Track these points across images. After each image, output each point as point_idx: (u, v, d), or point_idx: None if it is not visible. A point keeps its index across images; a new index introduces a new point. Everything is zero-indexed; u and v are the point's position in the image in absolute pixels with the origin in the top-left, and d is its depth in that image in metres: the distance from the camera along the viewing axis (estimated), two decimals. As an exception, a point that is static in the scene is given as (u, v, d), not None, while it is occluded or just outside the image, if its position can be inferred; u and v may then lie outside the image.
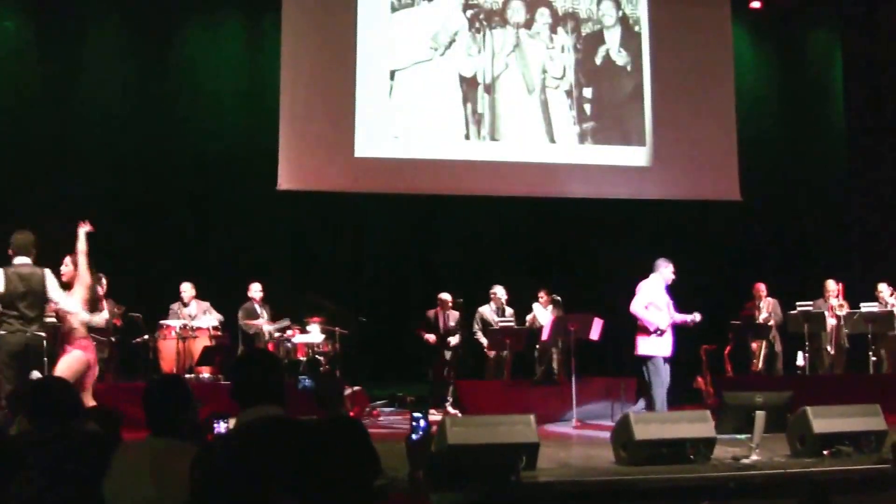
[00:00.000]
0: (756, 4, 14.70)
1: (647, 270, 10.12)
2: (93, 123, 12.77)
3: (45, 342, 7.74)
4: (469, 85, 13.38)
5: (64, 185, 12.30)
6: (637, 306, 9.61)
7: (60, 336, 7.89)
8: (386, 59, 13.24)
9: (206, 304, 11.45)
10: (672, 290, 9.98)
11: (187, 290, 11.48)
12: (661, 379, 9.54)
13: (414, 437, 6.15)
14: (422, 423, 6.17)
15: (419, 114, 13.29)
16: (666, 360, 9.63)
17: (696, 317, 9.85)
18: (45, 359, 8.02)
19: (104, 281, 10.32)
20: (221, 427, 5.55)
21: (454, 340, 11.94)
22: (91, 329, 9.90)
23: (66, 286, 7.81)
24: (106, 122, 12.79)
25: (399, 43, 13.30)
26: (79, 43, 13.04)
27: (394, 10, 13.28)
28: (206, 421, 5.41)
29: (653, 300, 9.63)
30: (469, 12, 13.48)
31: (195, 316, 11.27)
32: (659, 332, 9.56)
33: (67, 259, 7.94)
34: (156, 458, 3.54)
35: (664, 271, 9.74)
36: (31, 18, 13.02)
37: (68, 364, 7.58)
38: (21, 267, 7.59)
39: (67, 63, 12.93)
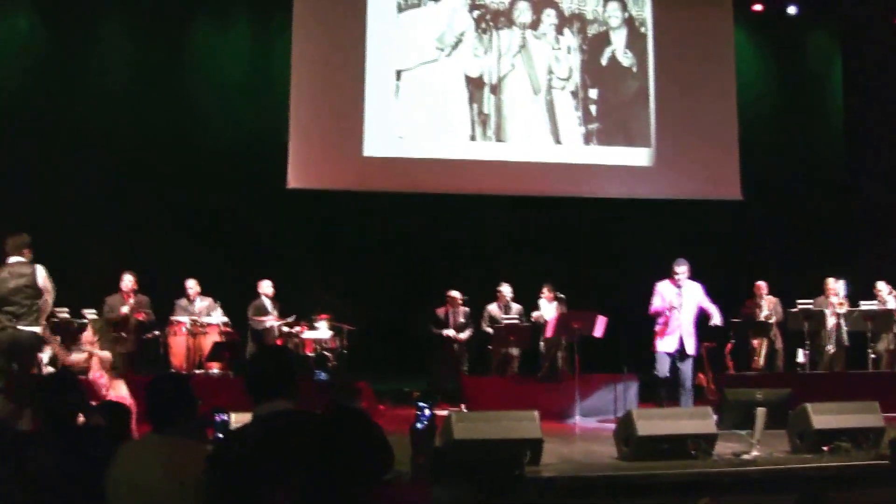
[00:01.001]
0: (758, 7, 14.77)
1: (649, 268, 10.30)
2: (104, 122, 12.83)
3: (38, 338, 8.02)
4: (475, 85, 13.42)
5: (72, 182, 12.41)
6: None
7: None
8: (393, 60, 13.27)
9: (210, 300, 11.51)
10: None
11: (192, 286, 11.55)
12: (660, 373, 9.99)
13: (418, 425, 6.28)
14: (426, 412, 6.31)
15: (425, 114, 13.32)
16: (670, 355, 9.99)
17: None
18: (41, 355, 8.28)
19: (132, 278, 10.58)
20: (224, 419, 5.66)
21: (464, 336, 12.07)
22: (114, 324, 10.32)
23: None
24: (117, 121, 12.87)
25: (405, 43, 13.32)
26: (89, 43, 13.12)
27: (400, 10, 13.32)
28: (207, 414, 5.48)
29: (660, 299, 10.01)
30: (475, 13, 13.52)
31: (200, 312, 11.35)
32: (660, 329, 9.93)
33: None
34: (155, 455, 3.55)
35: (673, 272, 10.05)
36: (42, 16, 13.10)
37: None
38: (14, 266, 7.86)
39: (78, 62, 13.02)
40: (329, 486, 3.17)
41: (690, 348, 10.07)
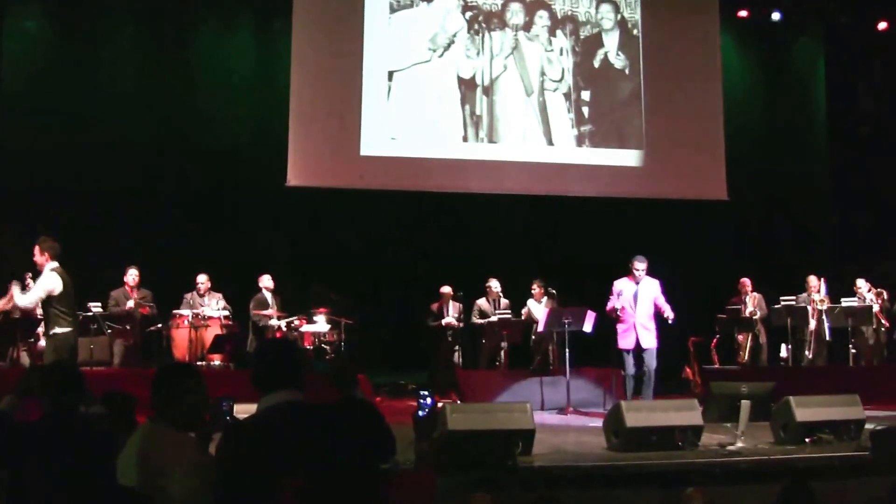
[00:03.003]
0: (743, 13, 14.91)
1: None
2: (109, 121, 12.94)
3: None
4: (468, 87, 13.42)
5: (78, 180, 12.50)
6: None
7: None
8: (386, 60, 13.28)
9: (219, 296, 11.63)
10: (662, 284, 10.45)
11: (203, 281, 11.63)
12: (626, 370, 10.27)
13: (420, 413, 6.45)
14: (428, 400, 6.48)
15: (418, 115, 13.32)
16: (629, 351, 10.27)
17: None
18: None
19: (136, 272, 10.73)
20: (225, 406, 5.84)
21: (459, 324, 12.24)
22: (117, 318, 10.51)
23: None
24: (121, 120, 12.98)
25: (398, 44, 13.32)
26: (97, 46, 13.24)
27: (392, 10, 13.32)
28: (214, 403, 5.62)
29: (617, 297, 10.38)
30: (468, 14, 13.51)
31: (210, 306, 11.44)
32: (620, 327, 10.30)
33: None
34: (144, 443, 3.59)
35: (633, 268, 10.38)
36: (50, 19, 13.22)
37: None
38: (63, 272, 8.11)
39: (84, 64, 13.15)
40: (338, 475, 3.27)
41: (646, 342, 10.22)
